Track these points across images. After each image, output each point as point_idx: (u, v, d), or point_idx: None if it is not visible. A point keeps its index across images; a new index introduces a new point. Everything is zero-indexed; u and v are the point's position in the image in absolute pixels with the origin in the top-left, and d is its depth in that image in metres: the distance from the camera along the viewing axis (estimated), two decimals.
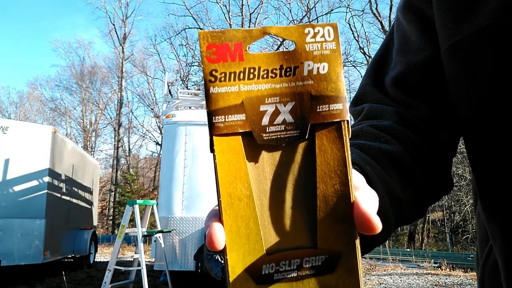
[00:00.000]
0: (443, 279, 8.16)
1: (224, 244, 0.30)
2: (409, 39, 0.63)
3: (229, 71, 0.30)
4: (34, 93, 36.52)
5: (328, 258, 0.31)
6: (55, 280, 7.53)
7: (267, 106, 0.31)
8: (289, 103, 0.31)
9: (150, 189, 26.69)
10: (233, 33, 0.30)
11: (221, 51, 0.30)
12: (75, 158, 9.53)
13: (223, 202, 0.30)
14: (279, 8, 28.41)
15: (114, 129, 31.67)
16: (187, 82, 24.72)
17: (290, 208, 0.31)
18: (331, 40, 0.31)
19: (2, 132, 7.26)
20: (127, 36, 31.46)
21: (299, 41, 0.31)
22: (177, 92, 8.51)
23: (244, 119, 0.30)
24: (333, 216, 0.31)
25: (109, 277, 5.57)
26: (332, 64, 0.31)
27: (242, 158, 0.30)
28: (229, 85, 0.30)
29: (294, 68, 0.31)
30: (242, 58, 0.30)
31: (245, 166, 0.30)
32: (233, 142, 0.30)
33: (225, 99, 0.30)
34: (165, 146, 7.40)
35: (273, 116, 0.31)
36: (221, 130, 0.30)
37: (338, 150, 0.31)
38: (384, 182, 0.47)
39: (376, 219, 0.31)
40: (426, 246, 19.48)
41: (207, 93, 0.30)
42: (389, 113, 0.60)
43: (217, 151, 0.30)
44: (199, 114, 7.51)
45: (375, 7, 21.71)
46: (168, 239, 6.70)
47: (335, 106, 0.31)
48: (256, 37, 0.31)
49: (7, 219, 6.98)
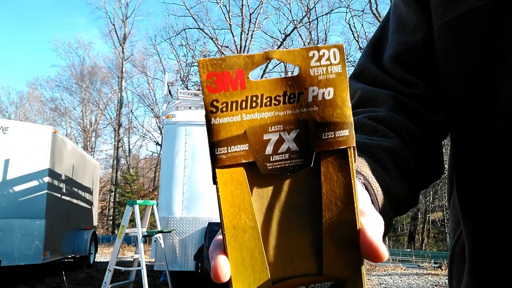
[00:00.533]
0: (443, 279, 8.16)
1: (230, 276, 0.30)
2: (406, 19, 0.65)
3: (230, 101, 0.29)
4: (34, 93, 36.56)
5: (334, 284, 0.31)
6: (55, 280, 7.53)
7: (271, 135, 0.30)
8: (293, 131, 0.30)
9: (150, 189, 26.70)
10: (234, 60, 0.29)
11: (222, 80, 0.29)
12: (75, 158, 9.54)
13: (228, 234, 0.30)
14: (279, 8, 28.48)
15: (114, 129, 31.69)
16: (187, 82, 24.74)
17: (295, 236, 0.31)
18: (337, 63, 0.30)
19: (2, 132, 7.27)
20: (127, 36, 31.48)
21: (303, 65, 0.30)
22: (177, 92, 8.51)
23: (247, 149, 0.30)
24: (339, 243, 0.31)
25: (109, 277, 5.57)
26: (337, 89, 0.30)
27: (246, 189, 0.30)
28: (231, 115, 0.29)
29: (298, 94, 0.30)
30: (244, 86, 0.30)
31: (249, 197, 0.30)
32: (236, 173, 0.30)
33: (227, 129, 0.29)
34: (165, 146, 7.40)
35: (277, 145, 0.30)
36: (224, 161, 0.29)
37: (344, 177, 0.31)
38: (384, 185, 0.48)
39: (382, 248, 0.31)
40: (426, 246, 19.48)
41: (208, 124, 0.29)
42: (384, 98, 0.61)
43: (220, 183, 0.29)
44: (199, 114, 7.51)
45: (375, 7, 21.72)
46: (168, 239, 6.70)
47: (341, 132, 0.30)
48: (258, 63, 0.30)
49: (7, 219, 6.98)
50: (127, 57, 31.39)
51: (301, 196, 0.31)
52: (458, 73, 0.57)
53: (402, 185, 0.53)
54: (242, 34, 24.44)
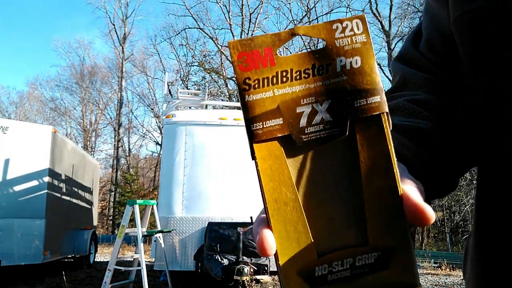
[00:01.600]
0: (443, 279, 8.16)
1: (275, 249, 0.30)
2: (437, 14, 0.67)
3: (262, 77, 0.30)
4: (34, 93, 36.55)
5: (381, 254, 0.31)
6: (55, 280, 7.52)
7: (304, 107, 0.31)
8: (326, 102, 0.31)
9: (150, 189, 26.67)
10: (262, 39, 0.31)
11: (252, 59, 0.30)
12: (75, 158, 9.53)
13: (270, 208, 0.30)
14: (279, 8, 28.45)
15: (114, 129, 31.68)
16: (187, 82, 24.72)
17: (336, 207, 0.31)
18: (361, 33, 0.31)
19: (2, 132, 7.26)
20: (127, 36, 31.46)
21: (328, 38, 0.31)
22: (177, 92, 8.51)
23: (281, 123, 0.30)
24: (382, 211, 0.31)
25: (109, 277, 5.57)
26: (364, 57, 0.31)
27: (284, 162, 0.30)
28: (264, 91, 0.30)
29: (326, 65, 0.31)
30: (273, 62, 0.31)
31: (288, 170, 0.30)
32: (273, 147, 0.30)
33: (261, 105, 0.30)
34: (165, 146, 7.40)
35: (311, 117, 0.31)
36: (260, 136, 0.30)
37: (380, 143, 0.31)
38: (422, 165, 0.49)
39: (428, 209, 0.30)
40: (426, 246, 19.47)
41: (243, 101, 0.30)
42: (422, 81, 0.63)
43: (258, 158, 0.30)
44: (199, 114, 7.51)
45: (375, 7, 21.71)
46: (168, 239, 6.70)
47: (372, 99, 0.31)
48: (285, 40, 0.31)
49: (7, 219, 6.98)
50: (127, 57, 31.39)
51: (339, 166, 0.31)
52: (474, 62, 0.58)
53: (440, 166, 0.53)
54: (242, 34, 24.43)
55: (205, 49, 25.23)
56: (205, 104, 9.19)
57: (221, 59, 24.68)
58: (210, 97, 18.42)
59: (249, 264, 6.06)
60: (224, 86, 23.73)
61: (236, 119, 7.28)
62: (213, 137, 7.17)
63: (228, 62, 24.85)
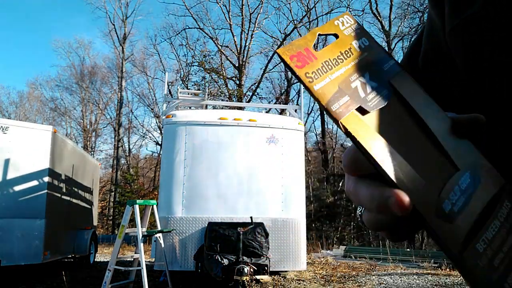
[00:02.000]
0: (443, 279, 8.17)
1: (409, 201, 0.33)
2: (434, 22, 0.69)
3: (315, 69, 0.36)
4: (34, 93, 36.56)
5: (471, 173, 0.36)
6: (55, 280, 7.53)
7: (355, 83, 0.36)
8: (365, 74, 0.37)
9: (150, 189, 26.69)
10: (298, 43, 0.37)
11: (300, 58, 0.36)
12: (75, 158, 9.54)
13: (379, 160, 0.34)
14: (279, 8, 28.50)
15: (114, 129, 31.69)
16: (187, 82, 24.72)
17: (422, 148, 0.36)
18: (353, 22, 0.40)
19: (2, 132, 7.27)
20: (127, 36, 31.48)
21: (337, 31, 0.39)
22: (177, 92, 8.51)
23: (349, 99, 0.35)
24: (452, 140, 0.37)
25: (109, 277, 5.57)
26: (366, 37, 0.39)
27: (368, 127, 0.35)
28: (323, 79, 0.36)
29: (349, 49, 0.38)
30: (315, 57, 0.37)
31: (374, 132, 0.35)
32: (355, 118, 0.35)
33: (327, 90, 0.35)
34: (165, 146, 7.40)
35: (364, 88, 0.36)
36: (342, 114, 0.35)
37: (418, 90, 0.38)
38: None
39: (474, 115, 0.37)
40: (426, 246, 19.47)
41: (312, 92, 0.35)
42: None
43: (350, 129, 0.34)
44: (199, 114, 7.51)
45: (375, 7, 21.73)
46: (168, 239, 6.70)
47: (391, 61, 0.39)
48: (312, 39, 0.38)
49: (7, 219, 6.98)
50: (127, 57, 31.41)
51: (402, 117, 0.36)
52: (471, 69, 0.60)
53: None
54: (242, 33, 24.45)
55: (205, 49, 25.25)
56: (205, 104, 9.19)
57: (221, 59, 24.69)
58: (210, 97, 18.39)
59: (249, 264, 6.06)
60: (224, 86, 23.74)
61: (236, 119, 7.28)
62: (213, 137, 7.18)
63: (228, 62, 24.89)
